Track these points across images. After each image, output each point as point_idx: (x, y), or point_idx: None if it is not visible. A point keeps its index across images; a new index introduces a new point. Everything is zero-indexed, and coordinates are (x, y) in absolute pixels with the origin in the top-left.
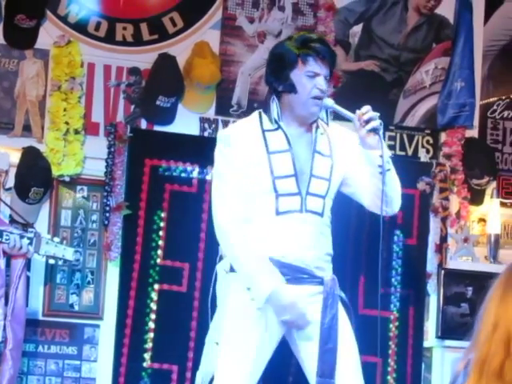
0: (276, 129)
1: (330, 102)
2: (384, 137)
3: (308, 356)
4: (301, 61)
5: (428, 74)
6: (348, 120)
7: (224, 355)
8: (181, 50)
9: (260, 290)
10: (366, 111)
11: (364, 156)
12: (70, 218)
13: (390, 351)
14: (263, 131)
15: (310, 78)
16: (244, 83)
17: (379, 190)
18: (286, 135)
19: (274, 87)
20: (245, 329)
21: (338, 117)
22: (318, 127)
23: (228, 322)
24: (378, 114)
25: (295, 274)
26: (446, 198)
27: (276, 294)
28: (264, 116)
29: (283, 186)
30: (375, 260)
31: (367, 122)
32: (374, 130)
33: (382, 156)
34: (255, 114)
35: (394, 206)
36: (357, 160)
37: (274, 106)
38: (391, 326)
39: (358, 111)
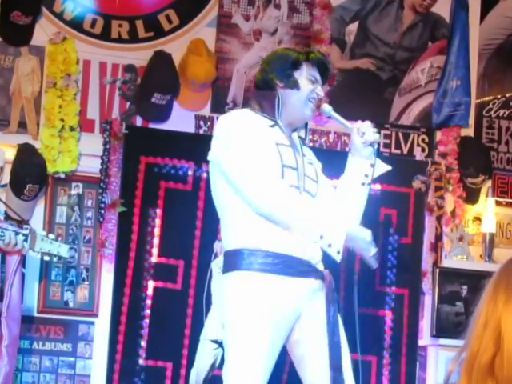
0: (273, 126)
1: (327, 107)
2: (379, 135)
3: (310, 353)
4: (306, 64)
5: (423, 73)
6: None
7: (238, 353)
8: (176, 47)
9: (336, 233)
10: (368, 126)
11: (351, 164)
12: (64, 214)
13: (385, 350)
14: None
15: (311, 83)
16: (239, 81)
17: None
18: (283, 132)
19: (273, 84)
20: (256, 325)
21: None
22: (301, 140)
23: (238, 321)
24: (377, 130)
25: (299, 268)
26: (441, 197)
27: (350, 233)
28: (255, 113)
29: (289, 177)
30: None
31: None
32: (371, 144)
33: (373, 165)
34: (245, 110)
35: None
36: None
37: (276, 103)
38: (386, 324)
39: (359, 122)
